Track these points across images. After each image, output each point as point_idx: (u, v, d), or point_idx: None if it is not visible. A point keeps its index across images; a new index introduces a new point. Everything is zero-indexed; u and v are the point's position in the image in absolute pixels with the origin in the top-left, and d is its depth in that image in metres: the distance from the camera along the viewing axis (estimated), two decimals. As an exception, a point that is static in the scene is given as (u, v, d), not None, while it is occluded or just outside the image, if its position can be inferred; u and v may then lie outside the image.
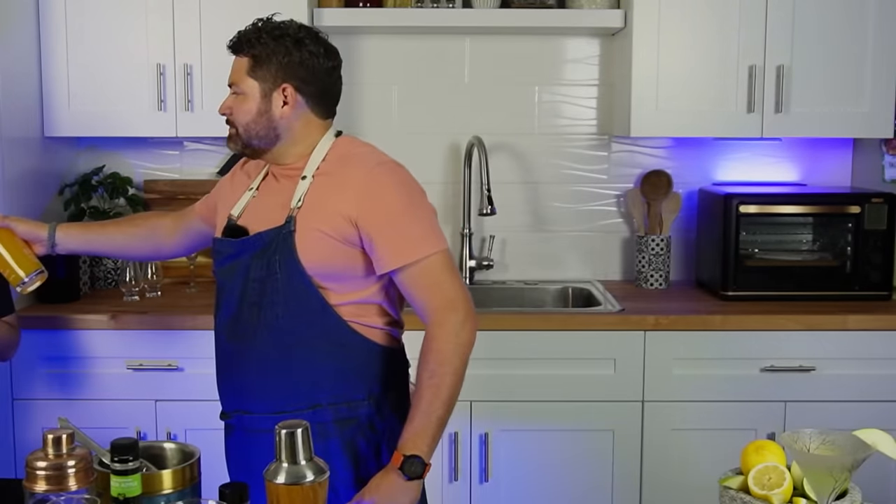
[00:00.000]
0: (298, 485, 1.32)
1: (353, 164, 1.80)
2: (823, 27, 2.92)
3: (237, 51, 1.86)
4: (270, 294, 1.77)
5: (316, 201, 1.78)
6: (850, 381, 2.76)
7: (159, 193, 3.24)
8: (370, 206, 1.74)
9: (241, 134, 1.84)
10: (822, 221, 3.08)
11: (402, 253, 1.74)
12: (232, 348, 1.82)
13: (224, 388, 1.88)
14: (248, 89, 1.82)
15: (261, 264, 1.77)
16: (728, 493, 1.39)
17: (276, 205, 1.81)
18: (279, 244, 1.76)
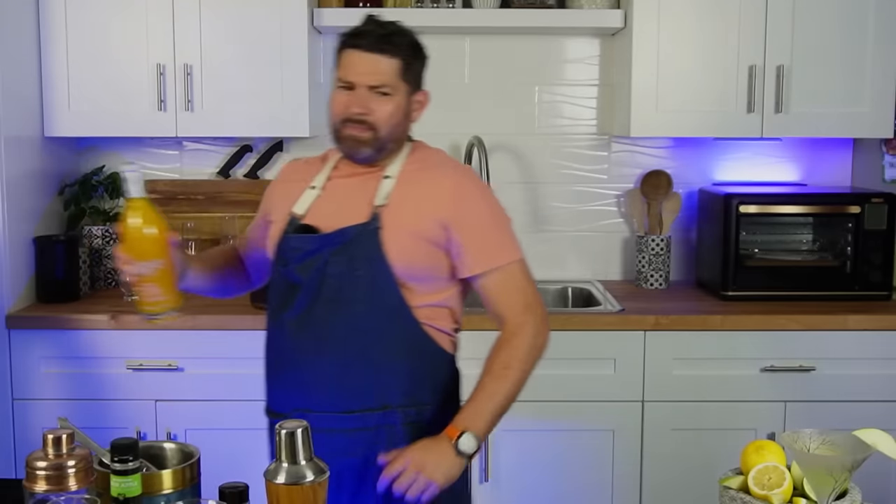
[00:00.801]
0: (298, 485, 1.32)
1: (438, 167, 1.86)
2: (823, 27, 2.92)
3: (384, 51, 1.78)
4: (350, 290, 1.75)
5: (404, 201, 1.78)
6: (850, 381, 2.76)
7: (159, 193, 3.25)
8: (463, 210, 1.79)
9: (382, 136, 1.79)
10: (822, 221, 3.08)
11: (489, 257, 1.80)
12: (300, 345, 1.78)
13: (282, 385, 1.83)
14: (397, 91, 1.79)
15: (341, 260, 1.75)
16: (728, 493, 1.39)
17: (354, 202, 1.80)
18: (363, 240, 1.75)
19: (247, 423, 2.70)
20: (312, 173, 1.91)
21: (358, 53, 1.78)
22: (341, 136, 1.81)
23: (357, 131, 1.78)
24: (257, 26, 2.91)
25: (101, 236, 3.11)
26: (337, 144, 1.85)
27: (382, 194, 1.79)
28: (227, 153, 3.28)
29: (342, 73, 1.80)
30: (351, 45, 1.79)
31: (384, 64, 1.77)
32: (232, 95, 2.93)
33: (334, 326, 1.75)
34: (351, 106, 1.77)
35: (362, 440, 1.77)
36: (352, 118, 1.77)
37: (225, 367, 2.74)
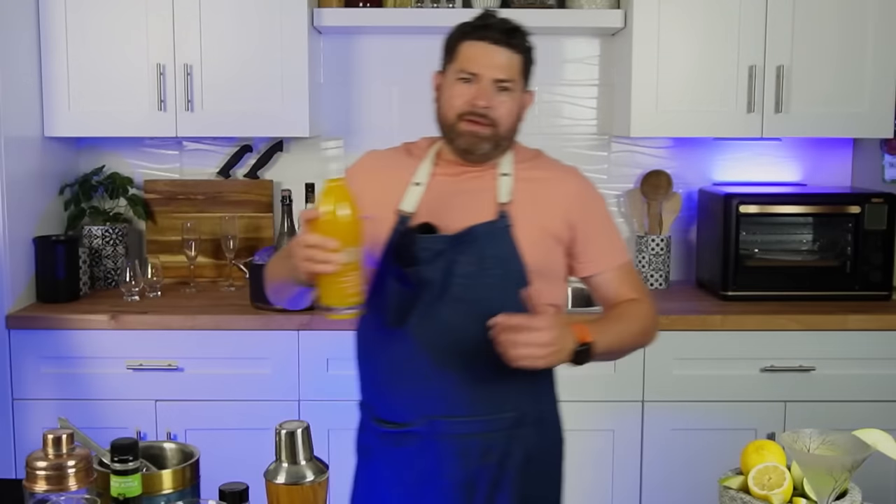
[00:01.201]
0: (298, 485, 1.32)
1: (554, 167, 1.86)
2: (823, 27, 2.92)
3: (511, 45, 1.74)
4: (481, 290, 1.70)
5: (528, 199, 1.76)
6: (850, 381, 2.76)
7: (159, 193, 3.25)
8: (589, 209, 1.81)
9: (501, 132, 1.76)
10: (822, 221, 3.08)
11: (614, 255, 1.84)
12: (427, 349, 1.69)
13: (406, 393, 1.73)
14: (516, 88, 1.76)
15: (470, 259, 1.69)
16: (728, 493, 1.39)
17: (473, 200, 1.75)
18: (494, 239, 1.71)
19: (247, 423, 2.71)
20: (408, 168, 1.82)
21: (484, 45, 1.73)
22: (459, 131, 1.74)
23: (478, 127, 1.73)
24: (257, 26, 2.91)
25: (101, 236, 3.11)
26: (452, 138, 1.77)
27: (504, 192, 1.75)
28: (227, 153, 3.28)
29: (466, 65, 1.74)
30: (476, 37, 1.74)
31: (511, 58, 1.74)
32: (232, 95, 2.93)
33: (465, 328, 1.68)
34: (476, 99, 1.72)
35: (497, 444, 1.73)
36: (475, 112, 1.72)
37: (225, 367, 2.74)
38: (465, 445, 1.71)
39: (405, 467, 1.75)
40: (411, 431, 1.73)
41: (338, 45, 3.25)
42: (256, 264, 2.83)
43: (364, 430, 1.85)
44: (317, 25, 3.01)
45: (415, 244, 1.71)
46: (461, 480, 1.72)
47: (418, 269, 1.70)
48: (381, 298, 1.72)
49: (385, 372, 1.75)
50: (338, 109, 3.27)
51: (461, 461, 1.71)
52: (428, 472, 1.73)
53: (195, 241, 3.10)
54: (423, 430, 1.72)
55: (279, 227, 2.88)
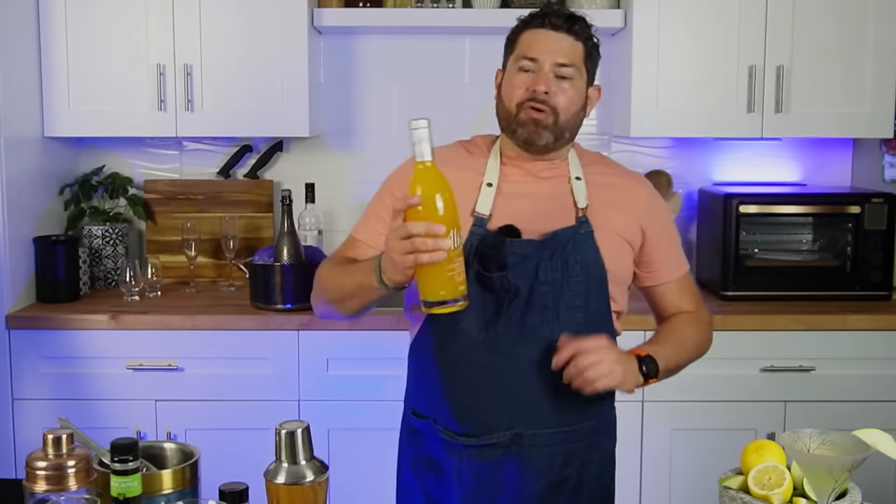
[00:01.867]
0: (298, 485, 1.32)
1: (620, 170, 1.85)
2: (823, 27, 2.92)
3: (572, 32, 1.70)
4: (568, 296, 1.66)
5: (604, 204, 1.74)
6: (850, 381, 2.76)
7: (159, 193, 3.25)
8: (658, 217, 1.81)
9: (561, 122, 1.70)
10: (822, 221, 3.08)
11: (680, 264, 1.86)
12: (514, 359, 1.65)
13: (492, 405, 1.67)
14: (579, 77, 1.71)
15: (553, 266, 1.66)
16: (728, 493, 1.39)
17: (551, 204, 1.72)
18: (577, 244, 1.68)
19: (247, 423, 2.71)
20: (474, 167, 1.76)
21: (545, 32, 1.70)
22: (520, 120, 1.70)
23: (539, 115, 1.68)
24: (257, 26, 2.91)
25: (101, 236, 3.11)
26: (514, 130, 1.72)
27: (581, 196, 1.73)
28: (227, 153, 3.28)
29: (525, 51, 1.70)
30: (536, 25, 1.71)
31: (572, 45, 1.69)
32: (232, 95, 2.93)
33: (551, 336, 1.63)
34: (535, 84, 1.68)
35: (579, 452, 1.74)
36: (535, 98, 1.67)
37: (225, 367, 2.74)
38: (549, 456, 1.70)
39: (485, 479, 1.70)
40: (494, 444, 1.68)
41: (338, 45, 3.25)
42: (256, 264, 2.83)
43: (426, 439, 1.77)
44: (317, 25, 3.01)
45: (503, 248, 1.65)
46: (544, 490, 1.71)
47: (505, 274, 1.64)
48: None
49: (467, 383, 1.68)
50: (338, 109, 3.27)
51: (545, 471, 1.70)
52: (509, 483, 1.70)
53: (195, 241, 3.10)
54: (508, 443, 1.68)
55: (279, 227, 2.88)
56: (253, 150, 3.29)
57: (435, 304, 1.48)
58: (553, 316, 1.66)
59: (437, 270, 1.44)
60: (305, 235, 3.08)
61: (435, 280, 1.46)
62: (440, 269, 1.44)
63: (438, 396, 1.72)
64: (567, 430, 1.71)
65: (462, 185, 1.69)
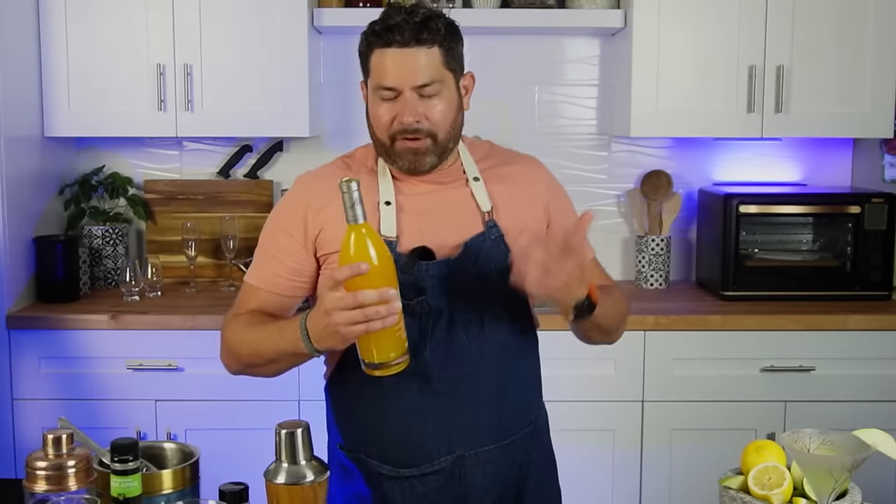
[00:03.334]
0: (298, 485, 1.32)
1: (514, 157, 1.75)
2: (823, 27, 2.92)
3: (422, 42, 1.53)
4: (492, 308, 1.58)
5: (508, 200, 1.65)
6: (850, 381, 2.76)
7: (159, 193, 3.24)
8: (558, 200, 1.73)
9: (441, 140, 1.57)
10: (822, 221, 3.08)
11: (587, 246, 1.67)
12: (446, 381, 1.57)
13: (429, 433, 1.60)
14: (445, 84, 1.56)
15: (469, 279, 1.56)
16: (728, 493, 1.39)
17: (454, 213, 1.63)
18: (489, 252, 1.60)
19: (247, 423, 2.71)
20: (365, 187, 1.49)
21: (393, 51, 1.54)
22: (397, 152, 1.58)
23: (415, 143, 1.56)
24: (257, 26, 2.91)
25: (101, 236, 3.11)
26: (392, 159, 1.60)
27: (483, 198, 1.64)
28: (227, 153, 3.28)
29: (380, 79, 1.56)
30: (382, 43, 1.55)
31: (426, 56, 1.53)
32: (232, 95, 2.93)
33: (480, 349, 1.58)
34: (402, 117, 1.55)
35: (520, 457, 1.68)
36: (406, 129, 1.55)
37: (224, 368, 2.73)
38: (493, 471, 1.65)
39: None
40: (437, 471, 1.61)
41: (338, 45, 3.25)
42: (256, 264, 2.83)
43: (356, 479, 1.67)
44: (317, 25, 3.01)
45: (419, 272, 1.57)
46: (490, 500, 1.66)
47: (424, 298, 1.56)
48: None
49: (401, 413, 1.60)
50: (338, 109, 3.27)
51: (490, 488, 1.65)
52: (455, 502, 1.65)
53: (195, 241, 3.10)
54: (451, 467, 1.61)
55: (279, 227, 2.87)
56: (253, 150, 3.29)
57: (381, 365, 1.40)
58: (478, 330, 1.59)
59: (385, 332, 1.37)
60: (305, 235, 3.08)
61: (383, 342, 1.39)
62: (389, 331, 1.37)
63: (370, 430, 1.64)
64: (507, 444, 1.64)
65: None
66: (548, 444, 1.79)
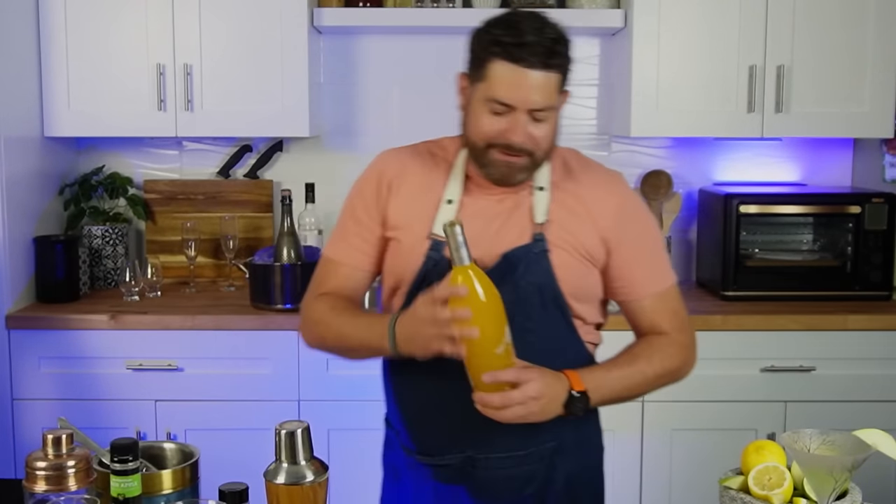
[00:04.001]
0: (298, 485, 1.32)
1: (591, 176, 1.70)
2: (823, 27, 2.92)
3: (550, 67, 1.54)
4: (519, 319, 1.54)
5: (565, 216, 1.63)
6: (850, 381, 2.76)
7: (159, 193, 3.25)
8: (629, 229, 1.66)
9: (539, 158, 1.58)
10: (823, 221, 3.08)
11: (652, 281, 1.68)
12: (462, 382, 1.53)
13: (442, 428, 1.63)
14: (553, 110, 1.57)
15: (506, 290, 1.52)
16: (728, 493, 1.39)
17: (508, 220, 1.63)
18: (529, 265, 1.59)
19: (247, 423, 2.71)
20: (437, 180, 1.66)
21: (518, 70, 1.51)
22: (491, 160, 1.57)
23: (514, 160, 1.56)
24: (257, 26, 2.91)
25: (101, 236, 3.11)
26: (483, 164, 1.60)
27: (541, 210, 1.62)
28: (227, 153, 3.28)
29: (497, 93, 1.53)
30: (509, 58, 1.51)
31: (547, 81, 1.54)
32: (232, 95, 2.93)
33: None
34: (511, 134, 1.54)
35: (537, 474, 1.66)
36: (510, 146, 1.55)
37: (225, 367, 2.74)
38: (504, 479, 1.64)
39: (439, 495, 1.67)
40: (447, 465, 1.64)
41: (338, 45, 3.25)
42: (256, 264, 2.83)
43: (392, 449, 1.76)
44: (317, 25, 3.01)
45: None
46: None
47: None
48: None
49: (417, 404, 1.66)
50: (338, 109, 3.27)
51: (500, 493, 1.65)
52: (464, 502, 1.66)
53: (195, 241, 3.10)
54: (460, 465, 1.63)
55: (279, 227, 2.88)
56: (253, 150, 3.29)
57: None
58: None
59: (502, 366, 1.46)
60: (305, 235, 3.08)
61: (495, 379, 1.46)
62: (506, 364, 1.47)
63: (396, 412, 1.71)
64: (521, 454, 1.62)
65: (422, 198, 1.65)
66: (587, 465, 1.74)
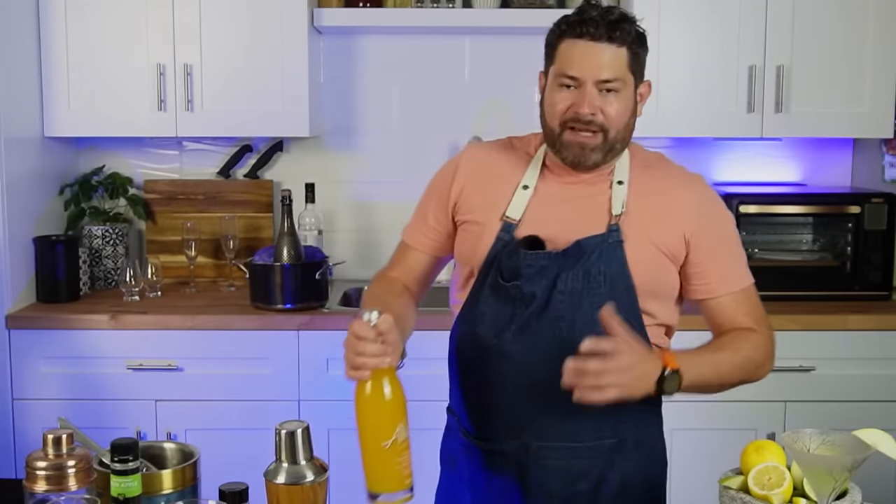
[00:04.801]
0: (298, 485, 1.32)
1: (673, 175, 1.71)
2: (823, 27, 2.92)
3: (613, 39, 1.56)
4: (586, 308, 1.56)
5: (643, 210, 1.63)
6: (849, 381, 2.76)
7: (159, 193, 3.24)
8: (709, 227, 1.66)
9: (611, 138, 1.59)
10: (822, 221, 3.08)
11: (731, 281, 1.68)
12: (521, 368, 1.57)
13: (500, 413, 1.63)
14: (625, 86, 1.59)
15: (575, 276, 1.57)
16: (728, 493, 1.39)
17: (584, 210, 1.63)
18: (603, 254, 1.59)
19: (247, 423, 2.71)
20: (516, 168, 1.70)
21: (583, 43, 1.56)
22: (564, 142, 1.61)
23: (585, 137, 1.58)
24: (257, 26, 2.91)
25: (101, 236, 3.11)
26: (557, 149, 1.63)
27: (619, 202, 1.62)
28: (227, 153, 3.28)
29: (565, 67, 1.59)
30: (574, 34, 1.57)
31: (614, 55, 1.56)
32: (232, 95, 2.93)
33: (565, 348, 1.52)
34: (579, 106, 1.57)
35: (593, 470, 1.64)
36: (580, 119, 1.58)
37: (225, 367, 2.74)
38: (558, 470, 1.63)
39: (495, 486, 1.67)
40: (502, 451, 1.64)
41: (338, 45, 3.25)
42: (256, 264, 2.83)
43: (451, 435, 1.77)
44: (317, 25, 3.01)
45: (519, 259, 1.60)
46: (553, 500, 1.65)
47: (519, 284, 1.59)
48: (478, 310, 1.64)
49: (477, 388, 1.66)
50: (338, 109, 3.27)
51: (553, 485, 1.64)
52: (517, 491, 1.65)
53: (195, 241, 3.10)
54: (514, 452, 1.63)
55: (279, 227, 2.88)
56: (253, 150, 3.29)
57: (373, 495, 1.42)
58: (568, 328, 1.58)
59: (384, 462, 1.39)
60: (305, 235, 3.08)
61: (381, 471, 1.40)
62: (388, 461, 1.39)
63: (458, 396, 1.72)
64: (577, 447, 1.61)
65: (499, 185, 1.68)
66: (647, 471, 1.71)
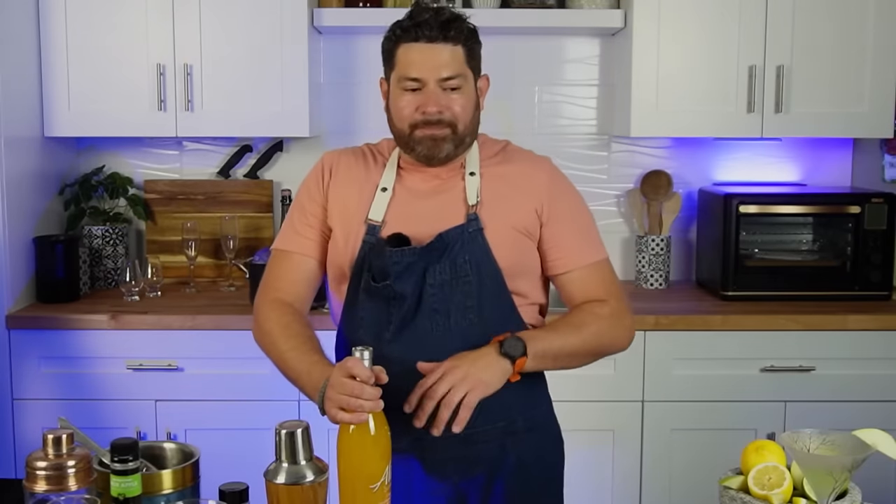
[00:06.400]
0: (298, 485, 1.32)
1: (522, 159, 1.77)
2: (823, 27, 2.92)
3: (448, 39, 1.64)
4: (458, 298, 1.62)
5: (497, 196, 1.69)
6: (849, 381, 2.76)
7: (159, 193, 3.25)
8: (559, 200, 1.72)
9: (460, 131, 1.67)
10: (822, 221, 3.08)
11: (584, 252, 1.72)
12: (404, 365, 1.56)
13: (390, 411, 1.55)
14: (466, 81, 1.67)
15: (441, 268, 1.62)
16: (728, 493, 1.39)
17: (442, 204, 1.69)
18: (466, 243, 1.64)
19: (247, 423, 2.71)
20: (373, 173, 1.74)
21: (421, 46, 1.63)
22: (417, 139, 1.66)
23: (435, 130, 1.65)
24: (257, 26, 2.91)
25: (101, 236, 3.11)
26: (411, 147, 1.68)
27: (473, 192, 1.69)
28: (227, 153, 3.28)
29: (406, 70, 1.64)
30: (410, 38, 1.64)
31: (451, 53, 1.64)
32: (232, 95, 2.93)
33: (444, 340, 1.60)
34: (426, 106, 1.64)
35: (487, 455, 1.67)
36: (428, 119, 1.64)
37: (225, 367, 2.74)
38: (453, 459, 1.66)
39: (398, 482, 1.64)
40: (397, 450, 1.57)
41: (338, 45, 3.25)
42: (256, 264, 2.83)
43: None
44: (317, 25, 3.01)
45: (385, 258, 1.64)
46: (451, 495, 1.68)
47: (389, 283, 1.63)
48: (357, 315, 1.67)
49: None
50: (338, 109, 3.27)
51: (450, 476, 1.67)
52: (416, 489, 1.67)
53: (195, 241, 3.10)
54: (410, 447, 1.64)
55: (279, 227, 2.87)
56: (253, 150, 3.29)
57: None
58: (444, 320, 1.62)
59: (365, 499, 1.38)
60: (305, 235, 3.08)
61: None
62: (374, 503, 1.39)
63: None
64: (469, 433, 1.57)
65: (359, 191, 1.72)
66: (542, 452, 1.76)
